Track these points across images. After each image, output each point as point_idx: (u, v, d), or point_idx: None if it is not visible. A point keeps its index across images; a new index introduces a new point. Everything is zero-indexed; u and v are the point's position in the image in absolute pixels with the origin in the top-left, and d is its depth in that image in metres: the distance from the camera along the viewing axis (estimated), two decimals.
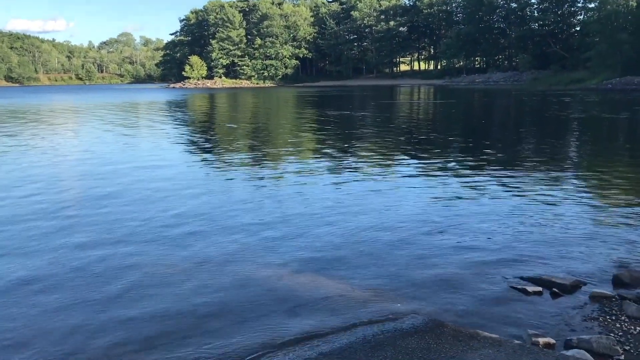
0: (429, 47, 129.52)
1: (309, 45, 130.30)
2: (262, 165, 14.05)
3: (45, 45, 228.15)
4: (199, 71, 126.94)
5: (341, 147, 17.43)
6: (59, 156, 16.27)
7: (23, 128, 26.47)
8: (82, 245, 7.34)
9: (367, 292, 5.70)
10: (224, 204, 9.65)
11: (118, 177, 12.33)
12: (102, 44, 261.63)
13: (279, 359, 4.36)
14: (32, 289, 5.84)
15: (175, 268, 6.44)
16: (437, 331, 4.72)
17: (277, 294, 5.64)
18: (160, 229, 8.08)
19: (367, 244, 7.24)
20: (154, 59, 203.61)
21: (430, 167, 13.31)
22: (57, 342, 4.72)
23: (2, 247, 7.29)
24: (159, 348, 4.60)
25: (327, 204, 9.55)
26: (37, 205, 9.71)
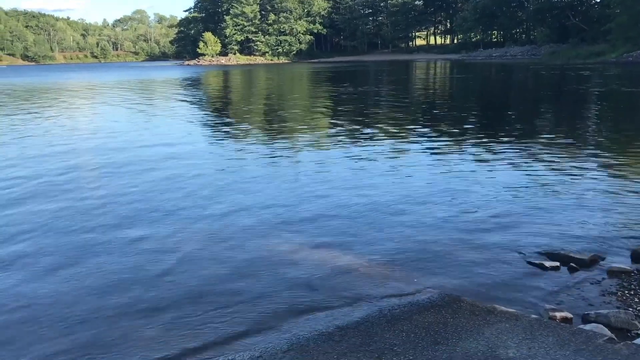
0: (445, 21, 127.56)
1: (323, 20, 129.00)
2: (277, 142, 14.04)
3: (60, 23, 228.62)
4: (213, 48, 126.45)
5: (357, 123, 17.35)
6: (77, 134, 16.40)
7: (42, 106, 26.67)
8: (101, 222, 7.43)
9: (384, 267, 5.72)
10: (240, 181, 9.69)
11: (133, 155, 12.41)
12: (117, 21, 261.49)
13: (296, 332, 4.41)
14: (53, 264, 5.95)
15: (196, 244, 6.51)
16: (454, 306, 4.73)
17: (295, 269, 5.68)
18: (176, 205, 8.14)
19: (383, 220, 7.24)
20: (168, 36, 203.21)
21: (446, 142, 13.22)
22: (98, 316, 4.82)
23: (25, 224, 7.41)
24: (190, 316, 4.68)
25: (343, 180, 9.55)
26: (53, 183, 9.83)
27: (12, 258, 6.17)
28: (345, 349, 4.06)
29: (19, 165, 11.55)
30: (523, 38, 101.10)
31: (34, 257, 6.18)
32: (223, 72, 72.74)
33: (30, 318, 4.80)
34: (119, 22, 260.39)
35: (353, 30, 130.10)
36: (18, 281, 5.56)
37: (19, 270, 5.84)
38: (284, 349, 4.13)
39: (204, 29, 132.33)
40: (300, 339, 4.28)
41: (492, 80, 40.35)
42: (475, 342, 4.04)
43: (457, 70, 56.56)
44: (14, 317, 4.81)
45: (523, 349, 3.91)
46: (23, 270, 5.83)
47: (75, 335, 4.50)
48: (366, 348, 4.05)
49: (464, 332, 4.22)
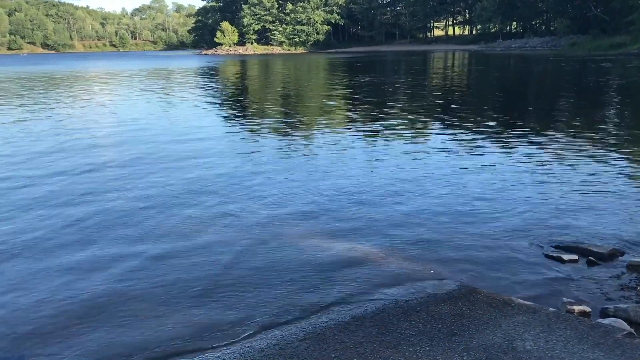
0: (464, 11, 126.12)
1: (341, 10, 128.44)
2: (294, 132, 14.05)
3: (79, 12, 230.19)
4: (230, 37, 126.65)
5: (374, 114, 17.29)
6: (98, 124, 16.53)
7: (64, 94, 26.93)
8: (117, 206, 7.51)
9: (400, 258, 5.71)
10: (256, 171, 9.71)
11: (152, 144, 12.49)
12: (135, 10, 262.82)
13: (313, 321, 4.43)
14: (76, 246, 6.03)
15: (212, 234, 6.55)
16: (471, 297, 4.72)
17: (311, 260, 5.70)
18: (191, 195, 8.19)
19: (400, 211, 7.23)
20: (186, 26, 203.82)
21: (463, 134, 13.14)
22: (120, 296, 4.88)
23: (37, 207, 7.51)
24: (207, 304, 4.72)
25: (360, 171, 9.54)
26: (75, 174, 9.94)
27: (38, 250, 6.26)
28: (362, 338, 4.07)
29: (41, 156, 11.69)
30: (543, 29, 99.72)
31: (73, 249, 6.27)
32: (240, 62, 72.81)
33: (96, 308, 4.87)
34: (137, 11, 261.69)
35: (371, 20, 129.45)
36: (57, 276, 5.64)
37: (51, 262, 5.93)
38: (300, 337, 4.15)
39: (221, 19, 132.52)
40: (317, 327, 4.30)
41: (511, 72, 39.93)
42: (492, 334, 4.03)
43: (475, 61, 56.05)
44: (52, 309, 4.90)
45: (540, 341, 3.89)
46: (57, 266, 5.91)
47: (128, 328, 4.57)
48: (382, 338, 4.05)
49: (480, 323, 4.21)
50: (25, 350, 4.16)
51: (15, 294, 5.05)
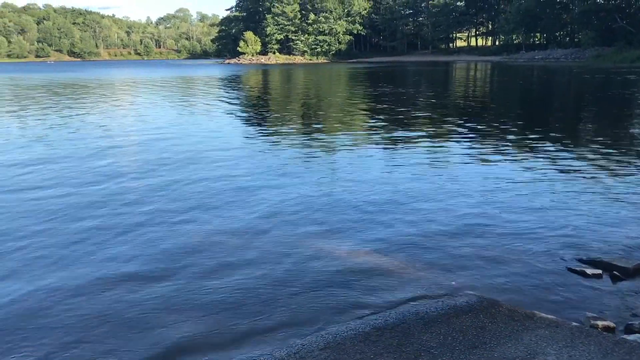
0: (486, 22, 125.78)
1: (363, 20, 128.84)
2: (314, 142, 14.08)
3: (105, 20, 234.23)
4: (253, 47, 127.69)
5: (394, 123, 17.28)
6: (120, 127, 16.77)
7: (88, 100, 27.38)
8: (139, 213, 7.60)
9: (421, 269, 5.70)
10: (277, 179, 9.75)
11: (170, 150, 12.62)
12: (160, 19, 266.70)
13: (333, 331, 4.43)
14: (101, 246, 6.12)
15: (232, 241, 6.60)
16: (492, 310, 4.68)
17: (331, 268, 5.71)
18: (212, 201, 8.26)
19: (421, 222, 7.20)
20: (210, 35, 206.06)
21: (485, 145, 13.06)
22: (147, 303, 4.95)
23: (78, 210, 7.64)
24: (228, 311, 4.76)
25: (381, 180, 9.53)
26: (99, 175, 10.10)
27: (64, 248, 6.37)
28: (382, 349, 4.06)
29: (67, 159, 11.88)
30: (567, 41, 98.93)
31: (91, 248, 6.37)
32: (262, 71, 73.32)
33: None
34: (162, 20, 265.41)
35: (393, 30, 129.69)
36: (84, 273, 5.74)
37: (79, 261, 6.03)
38: (320, 346, 4.16)
39: (244, 28, 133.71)
40: (337, 337, 4.31)
41: (534, 83, 39.61)
42: (514, 348, 3.99)
43: (498, 72, 55.75)
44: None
45: (563, 356, 3.85)
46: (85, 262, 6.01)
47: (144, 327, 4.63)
48: (403, 349, 4.05)
49: (502, 337, 4.18)
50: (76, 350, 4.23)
51: (53, 289, 5.14)
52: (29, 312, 4.87)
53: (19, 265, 5.87)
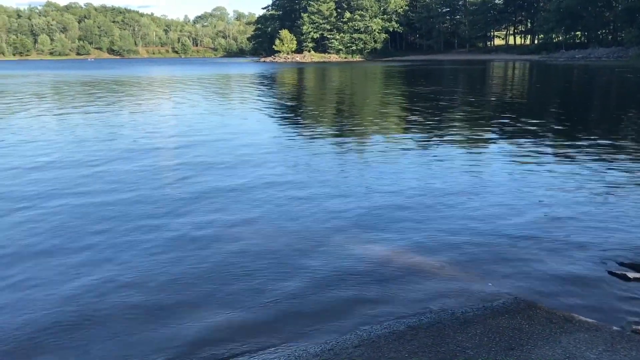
0: (525, 20, 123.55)
1: (399, 18, 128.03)
2: (348, 140, 14.07)
3: (144, 19, 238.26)
4: (288, 45, 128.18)
5: (430, 123, 17.14)
6: (156, 124, 17.05)
7: (130, 97, 27.91)
8: (177, 205, 7.72)
9: (456, 269, 5.64)
10: (311, 176, 9.78)
11: (205, 146, 12.77)
12: (197, 18, 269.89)
13: (368, 329, 4.43)
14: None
15: (268, 239, 6.65)
16: (529, 312, 4.62)
17: (366, 266, 5.70)
18: (243, 198, 8.33)
19: (456, 222, 7.13)
20: (246, 33, 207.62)
21: (522, 145, 12.83)
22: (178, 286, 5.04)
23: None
24: (263, 306, 4.81)
25: (415, 179, 9.46)
26: (135, 171, 10.29)
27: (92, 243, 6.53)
28: (416, 348, 4.05)
29: (108, 154, 12.15)
30: (609, 39, 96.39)
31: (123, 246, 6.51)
32: (297, 70, 73.55)
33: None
34: (199, 19, 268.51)
35: (429, 28, 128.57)
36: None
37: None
38: (355, 343, 4.17)
39: (280, 27, 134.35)
40: (371, 335, 4.31)
41: (574, 83, 38.78)
42: (552, 351, 3.93)
43: (536, 72, 54.74)
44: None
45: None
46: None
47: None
48: (437, 349, 4.02)
49: (539, 339, 4.12)
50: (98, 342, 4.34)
51: (82, 277, 5.27)
52: (77, 305, 5.00)
53: (74, 260, 6.04)
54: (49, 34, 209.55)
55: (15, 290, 5.25)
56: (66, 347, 4.29)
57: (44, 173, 10.27)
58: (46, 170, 10.49)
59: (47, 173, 10.27)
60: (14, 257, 6.05)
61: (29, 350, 4.25)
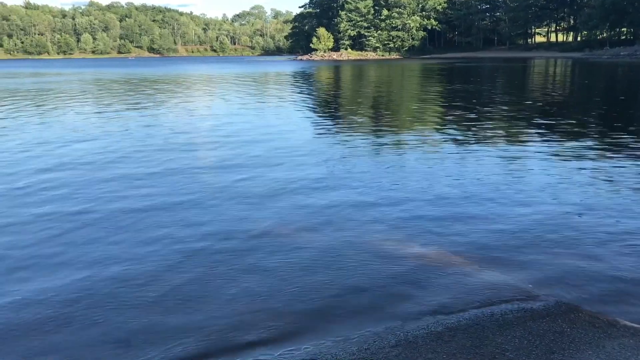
0: (568, 17, 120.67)
1: (437, 15, 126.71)
2: (384, 138, 13.99)
3: (183, 18, 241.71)
4: (325, 43, 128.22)
5: (467, 121, 16.91)
6: (195, 121, 17.29)
7: (167, 94, 28.39)
8: (210, 205, 7.81)
9: (495, 270, 5.56)
10: (345, 175, 9.76)
11: (240, 143, 12.88)
12: (235, 16, 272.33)
13: (405, 329, 4.40)
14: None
15: (303, 237, 6.67)
16: (571, 315, 4.52)
17: (403, 265, 5.66)
18: (278, 196, 8.36)
19: (495, 222, 7.02)
20: (283, 32, 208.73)
21: (562, 145, 12.55)
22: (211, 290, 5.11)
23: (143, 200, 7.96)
24: (301, 303, 4.83)
25: (452, 178, 9.35)
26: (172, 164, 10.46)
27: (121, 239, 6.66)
28: (455, 349, 4.00)
29: (135, 152, 12.38)
30: None
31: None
32: (334, 67, 73.51)
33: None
34: (237, 17, 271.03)
35: (468, 26, 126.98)
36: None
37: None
38: (392, 343, 4.15)
39: (317, 25, 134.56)
40: (409, 335, 4.28)
41: (619, 82, 37.73)
42: (595, 356, 3.84)
43: (579, 70, 53.44)
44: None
45: None
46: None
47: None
48: (477, 351, 3.97)
49: (582, 343, 4.02)
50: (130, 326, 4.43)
51: (114, 265, 5.38)
52: (106, 295, 5.11)
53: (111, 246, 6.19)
54: (92, 33, 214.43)
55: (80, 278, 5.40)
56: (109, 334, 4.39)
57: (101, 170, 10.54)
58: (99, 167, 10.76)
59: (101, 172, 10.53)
60: (84, 250, 6.23)
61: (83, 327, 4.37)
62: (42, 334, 4.49)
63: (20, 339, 4.43)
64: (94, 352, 4.22)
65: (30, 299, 5.07)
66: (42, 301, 5.03)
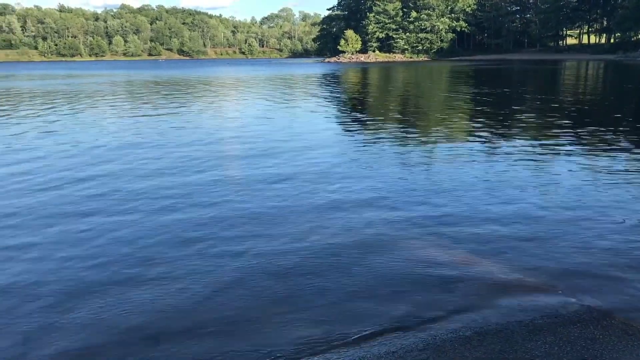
0: (601, 18, 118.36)
1: (467, 17, 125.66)
2: (411, 141, 13.91)
3: (213, 20, 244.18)
4: (353, 45, 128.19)
5: (496, 127, 16.72)
6: (223, 123, 17.44)
7: (197, 96, 28.70)
8: (236, 203, 7.87)
9: (525, 275, 5.48)
10: (370, 179, 9.74)
11: (267, 148, 12.94)
12: (264, 19, 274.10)
13: (433, 333, 4.37)
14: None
15: (331, 240, 6.67)
16: (603, 322, 4.44)
17: (432, 270, 5.62)
18: (303, 200, 8.38)
19: (525, 225, 6.92)
20: (311, 34, 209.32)
21: (594, 148, 12.32)
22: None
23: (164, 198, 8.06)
24: (329, 307, 4.84)
25: (483, 185, 9.24)
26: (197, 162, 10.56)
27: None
28: (483, 354, 3.96)
29: (166, 152, 12.53)
30: None
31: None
32: (362, 70, 73.41)
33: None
34: (266, 20, 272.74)
35: (498, 27, 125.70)
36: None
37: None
38: (419, 347, 4.12)
39: (345, 27, 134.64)
40: (437, 339, 4.25)
41: None
42: None
43: (613, 72, 52.39)
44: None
45: None
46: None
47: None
48: (505, 356, 3.92)
49: (615, 351, 3.94)
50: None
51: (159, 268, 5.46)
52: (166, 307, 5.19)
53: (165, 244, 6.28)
54: (123, 36, 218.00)
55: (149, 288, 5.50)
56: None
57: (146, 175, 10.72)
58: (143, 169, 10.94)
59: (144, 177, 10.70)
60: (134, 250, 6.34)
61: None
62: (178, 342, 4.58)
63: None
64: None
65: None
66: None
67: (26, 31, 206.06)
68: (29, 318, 4.79)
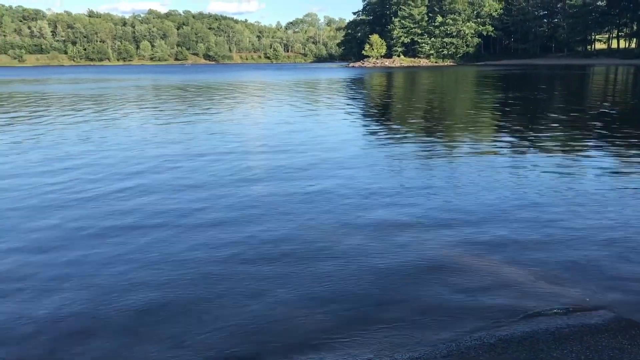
0: (631, 22, 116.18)
1: (493, 22, 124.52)
2: (436, 146, 13.84)
3: (238, 25, 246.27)
4: (378, 50, 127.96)
5: (521, 134, 16.54)
6: (248, 128, 17.58)
7: (228, 100, 28.96)
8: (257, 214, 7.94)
9: (551, 283, 5.42)
10: (396, 184, 9.71)
11: (289, 151, 12.99)
12: (289, 24, 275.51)
13: (457, 339, 4.35)
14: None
15: (353, 248, 6.68)
16: (632, 332, 4.37)
17: (455, 276, 5.59)
18: (326, 203, 8.39)
19: (551, 233, 6.84)
20: (336, 39, 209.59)
21: (621, 155, 12.12)
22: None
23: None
24: (352, 312, 4.84)
25: (504, 190, 9.16)
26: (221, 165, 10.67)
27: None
28: None
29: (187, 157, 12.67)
30: None
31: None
32: (386, 74, 73.24)
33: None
34: (291, 25, 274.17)
35: (525, 32, 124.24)
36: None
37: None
38: (443, 353, 4.11)
39: (370, 32, 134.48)
40: (460, 346, 4.23)
41: None
42: None
43: None
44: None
45: None
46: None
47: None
48: None
49: None
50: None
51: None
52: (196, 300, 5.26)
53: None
54: (150, 40, 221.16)
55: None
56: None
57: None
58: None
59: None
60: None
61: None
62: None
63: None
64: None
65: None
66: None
67: (56, 36, 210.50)
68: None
